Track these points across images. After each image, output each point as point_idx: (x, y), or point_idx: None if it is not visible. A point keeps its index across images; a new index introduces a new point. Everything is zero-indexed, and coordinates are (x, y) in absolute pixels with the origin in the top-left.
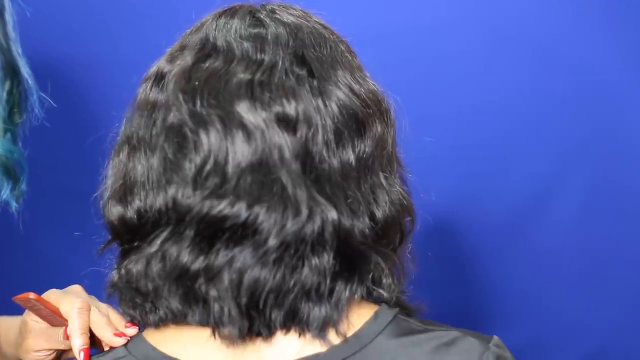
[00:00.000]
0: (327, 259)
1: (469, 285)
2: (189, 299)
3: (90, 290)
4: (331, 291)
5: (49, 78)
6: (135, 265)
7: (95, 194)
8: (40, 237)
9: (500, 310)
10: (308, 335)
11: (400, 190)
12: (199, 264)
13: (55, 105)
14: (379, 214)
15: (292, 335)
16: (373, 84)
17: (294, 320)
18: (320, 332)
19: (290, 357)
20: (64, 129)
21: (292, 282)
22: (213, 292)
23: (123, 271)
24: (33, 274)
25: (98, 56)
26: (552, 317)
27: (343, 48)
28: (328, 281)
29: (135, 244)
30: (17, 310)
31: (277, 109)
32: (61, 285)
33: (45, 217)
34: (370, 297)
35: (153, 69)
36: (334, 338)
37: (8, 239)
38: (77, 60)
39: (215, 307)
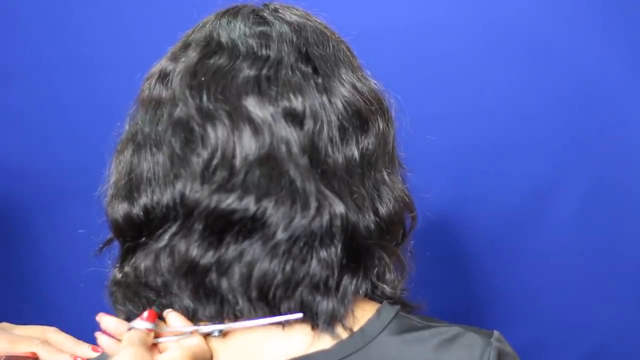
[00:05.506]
0: (335, 252)
1: (468, 285)
2: (199, 294)
3: (90, 290)
4: (337, 285)
5: (50, 78)
6: (144, 261)
7: (95, 193)
8: (40, 237)
9: (500, 310)
10: (315, 330)
11: (402, 187)
12: (208, 258)
13: (55, 105)
14: (382, 210)
15: (300, 330)
16: (374, 83)
17: (302, 314)
18: (329, 326)
19: (297, 352)
20: (64, 129)
21: (300, 275)
22: (225, 286)
23: (127, 269)
24: (33, 274)
25: (99, 56)
26: (552, 317)
27: (344, 47)
28: (336, 274)
29: (142, 240)
30: (18, 309)
31: (284, 103)
32: (60, 285)
33: (45, 217)
34: (375, 291)
35: (156, 67)
36: (339, 334)
37: (8, 239)
38: (78, 60)
39: (229, 301)
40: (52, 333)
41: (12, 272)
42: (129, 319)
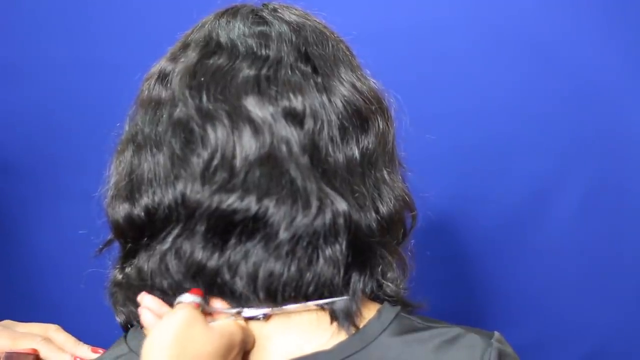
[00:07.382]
0: (340, 250)
1: (468, 285)
2: (213, 294)
3: (91, 290)
4: (347, 283)
5: (50, 78)
6: (147, 263)
7: (96, 194)
8: (40, 237)
9: (500, 310)
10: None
11: (402, 186)
12: (215, 260)
13: (55, 105)
14: (383, 209)
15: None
16: (373, 82)
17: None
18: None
19: (300, 352)
20: (64, 129)
21: (309, 275)
22: (239, 285)
23: (129, 270)
24: (33, 275)
25: (99, 56)
26: (552, 317)
27: (343, 47)
28: (342, 272)
29: (144, 241)
30: (18, 309)
31: (284, 103)
32: (60, 286)
33: (46, 217)
34: (379, 290)
35: (155, 67)
36: (341, 334)
37: (8, 239)
38: (78, 60)
39: (248, 297)
40: (54, 331)
41: (13, 272)
42: (129, 320)
